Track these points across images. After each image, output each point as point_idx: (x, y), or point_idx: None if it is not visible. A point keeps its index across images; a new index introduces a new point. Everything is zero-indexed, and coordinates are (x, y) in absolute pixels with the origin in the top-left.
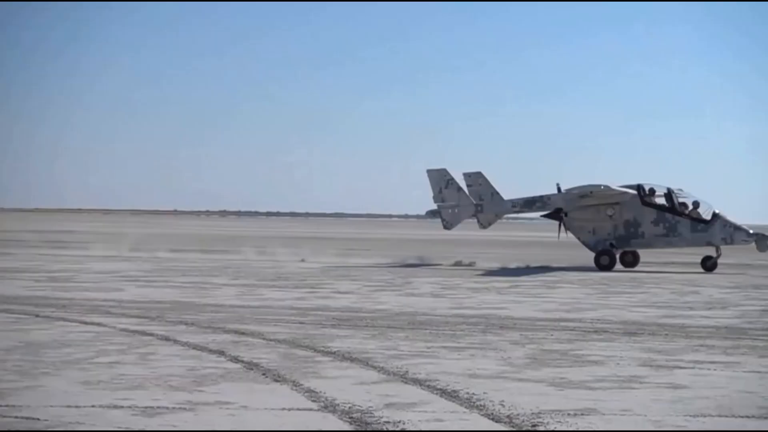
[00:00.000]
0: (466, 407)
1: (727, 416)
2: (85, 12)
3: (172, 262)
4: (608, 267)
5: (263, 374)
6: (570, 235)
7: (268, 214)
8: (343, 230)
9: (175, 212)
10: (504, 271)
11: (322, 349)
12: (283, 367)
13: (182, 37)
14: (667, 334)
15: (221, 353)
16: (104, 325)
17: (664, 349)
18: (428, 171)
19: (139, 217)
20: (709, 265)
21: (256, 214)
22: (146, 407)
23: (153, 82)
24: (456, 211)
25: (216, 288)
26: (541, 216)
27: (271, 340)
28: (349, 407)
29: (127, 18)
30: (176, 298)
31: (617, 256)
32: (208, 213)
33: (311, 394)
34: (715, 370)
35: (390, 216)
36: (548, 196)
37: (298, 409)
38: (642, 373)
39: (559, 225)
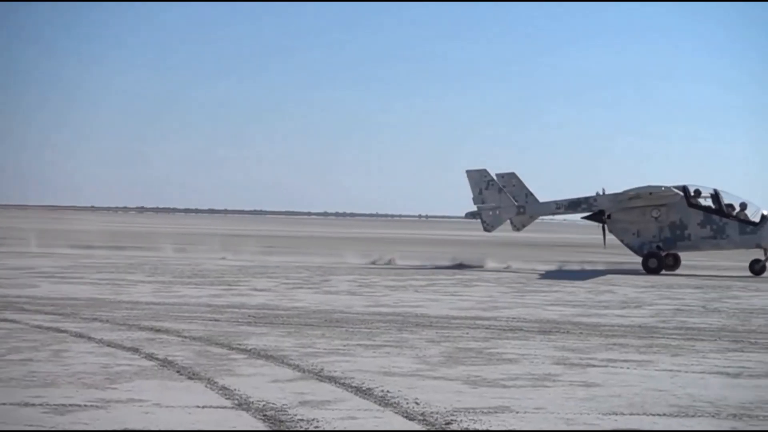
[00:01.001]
0: (380, 405)
1: (638, 414)
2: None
3: (88, 258)
4: (656, 270)
5: (177, 372)
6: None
7: (187, 210)
8: (265, 227)
9: (92, 208)
10: (423, 269)
11: (238, 346)
12: (198, 364)
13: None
14: (581, 333)
15: (136, 350)
16: (17, 322)
17: (578, 348)
18: (468, 172)
19: (55, 213)
20: (757, 268)
21: (174, 210)
22: (58, 405)
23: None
24: (497, 212)
25: (132, 285)
26: (582, 218)
27: (186, 337)
28: (263, 405)
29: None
30: (91, 294)
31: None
32: (125, 209)
33: (225, 391)
34: (628, 368)
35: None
36: (594, 198)
37: (212, 407)
38: (556, 372)
39: (602, 227)
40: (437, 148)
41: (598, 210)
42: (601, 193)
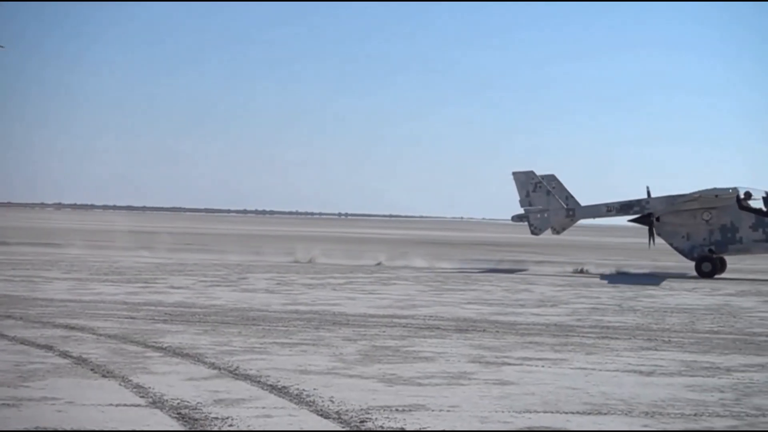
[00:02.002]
0: (295, 403)
1: (552, 412)
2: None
3: (2, 255)
4: (710, 274)
5: (92, 370)
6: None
7: (107, 207)
8: (184, 225)
9: (8, 204)
10: (341, 267)
11: (153, 344)
12: (113, 362)
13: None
14: (497, 331)
15: (50, 348)
16: None
17: (493, 346)
18: (514, 173)
19: None
20: None
21: (92, 207)
22: None
23: None
24: (545, 215)
25: (47, 282)
26: (629, 221)
27: (101, 335)
28: (178, 403)
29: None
30: (5, 291)
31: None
32: (42, 205)
33: (140, 389)
34: (542, 366)
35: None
36: (646, 200)
37: (126, 405)
38: (471, 370)
39: (650, 230)
40: (356, 145)
41: (646, 213)
42: (646, 193)
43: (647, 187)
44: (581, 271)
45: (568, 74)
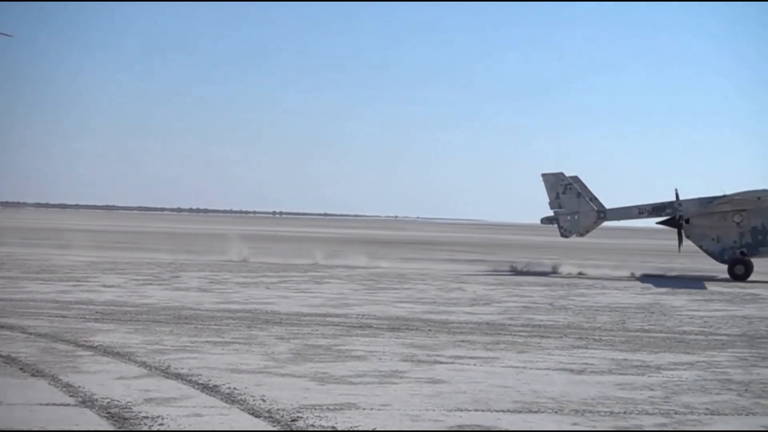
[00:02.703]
0: (226, 402)
1: (483, 410)
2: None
3: None
4: (744, 277)
5: (21, 369)
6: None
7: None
8: (118, 223)
9: None
10: (275, 266)
11: (84, 343)
12: (43, 361)
13: None
14: (430, 330)
15: None
16: None
17: (426, 345)
18: (543, 175)
19: None
20: None
21: (24, 204)
22: None
23: None
24: (576, 217)
25: None
26: (657, 223)
27: (31, 333)
28: (108, 402)
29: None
30: None
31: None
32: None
33: (69, 389)
34: (474, 365)
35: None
36: (678, 202)
37: (55, 404)
38: (403, 368)
39: (678, 233)
40: (292, 144)
41: (675, 215)
42: (675, 195)
43: (675, 190)
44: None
45: (489, 72)
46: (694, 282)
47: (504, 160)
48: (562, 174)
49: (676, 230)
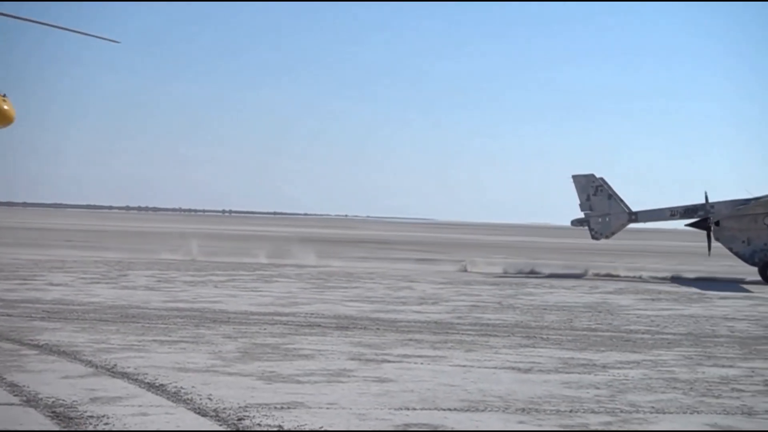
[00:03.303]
0: (172, 401)
1: (430, 409)
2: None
3: None
4: None
5: None
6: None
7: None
8: (66, 221)
9: None
10: (223, 265)
11: (29, 342)
12: None
13: None
14: (378, 329)
15: None
16: None
17: (374, 343)
18: (574, 177)
19: None
20: None
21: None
22: None
23: None
24: (607, 219)
25: None
26: (686, 225)
27: None
28: (53, 401)
29: None
30: None
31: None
32: None
33: (14, 388)
34: (422, 364)
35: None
36: (711, 204)
37: None
38: (351, 367)
39: (708, 235)
40: (243, 142)
41: (704, 217)
42: (705, 198)
43: (705, 192)
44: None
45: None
46: (729, 284)
47: (450, 159)
48: (593, 175)
49: (704, 233)
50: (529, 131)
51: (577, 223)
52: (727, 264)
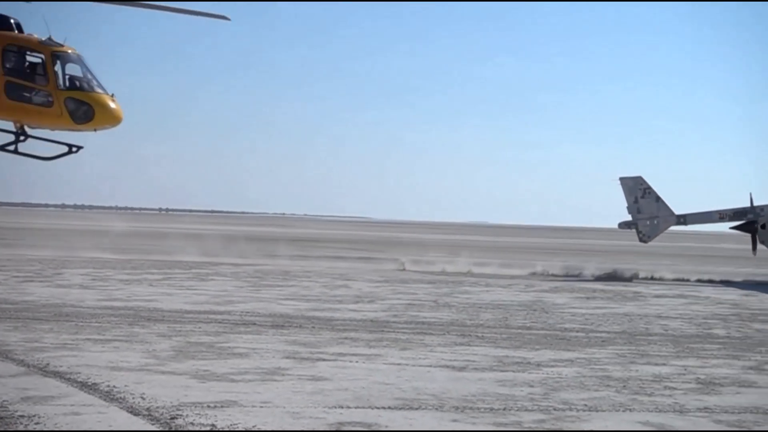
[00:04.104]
0: (105, 400)
1: (364, 407)
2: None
3: None
4: None
5: None
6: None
7: None
8: None
9: None
10: (159, 263)
11: None
12: None
13: None
14: (313, 327)
15: None
16: None
17: (309, 342)
18: (622, 179)
19: None
20: None
21: None
22: None
23: None
24: (655, 222)
25: None
26: (731, 228)
27: None
28: None
29: None
30: None
31: None
32: None
33: None
34: (356, 362)
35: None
36: (761, 207)
37: None
38: (285, 366)
39: (753, 237)
40: (181, 140)
41: (749, 221)
42: (750, 201)
43: (750, 194)
44: None
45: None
46: None
47: (382, 156)
48: (640, 178)
49: (749, 235)
50: (464, 126)
51: (624, 225)
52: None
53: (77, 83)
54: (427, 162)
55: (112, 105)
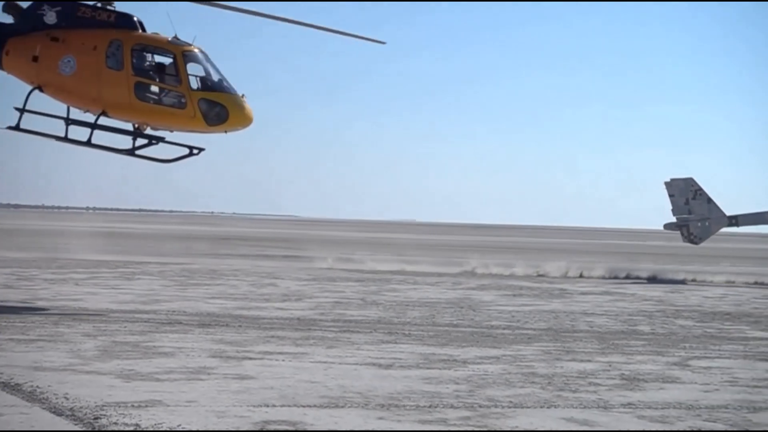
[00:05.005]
0: (27, 401)
1: (289, 406)
2: None
3: None
4: None
5: None
6: None
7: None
8: None
9: None
10: (85, 262)
11: None
12: None
13: None
14: (240, 326)
15: None
16: None
17: (235, 341)
18: (673, 180)
19: None
20: None
21: None
22: None
23: None
24: (707, 224)
25: None
26: None
27: None
28: None
29: None
30: None
31: None
32: None
33: None
34: (283, 360)
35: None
36: None
37: None
38: (211, 365)
39: None
40: None
41: None
42: None
43: None
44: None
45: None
46: None
47: (320, 153)
48: (692, 179)
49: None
50: (388, 123)
51: (674, 226)
52: None
53: (209, 84)
54: (359, 160)
55: (246, 106)
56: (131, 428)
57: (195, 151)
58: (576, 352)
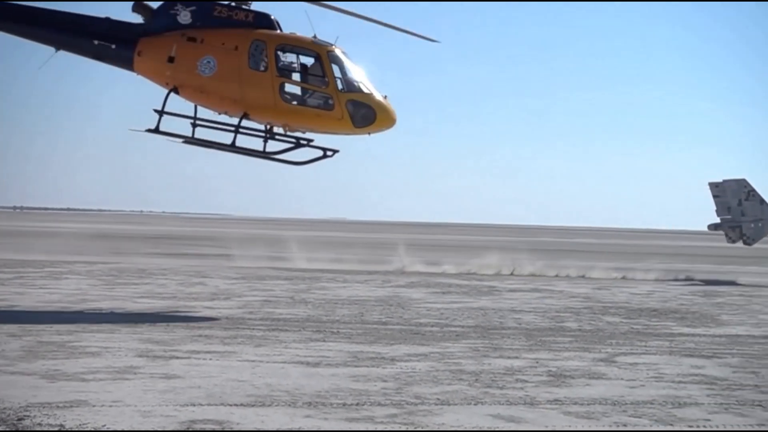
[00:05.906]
0: None
1: (216, 405)
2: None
3: None
4: None
5: None
6: None
7: None
8: None
9: None
10: (11, 262)
11: None
12: None
13: None
14: (168, 325)
15: None
16: None
17: (162, 340)
18: (725, 181)
19: None
20: None
21: None
22: None
23: None
24: (760, 225)
25: None
26: None
27: None
28: None
29: None
30: None
31: None
32: None
33: None
34: (210, 359)
35: None
36: None
37: None
38: (138, 364)
39: None
40: (33, 137)
41: None
42: None
43: None
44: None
45: None
46: None
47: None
48: (744, 180)
49: None
50: None
51: (723, 227)
52: None
53: (355, 85)
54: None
55: (390, 108)
56: (56, 429)
57: (329, 153)
58: (503, 348)
